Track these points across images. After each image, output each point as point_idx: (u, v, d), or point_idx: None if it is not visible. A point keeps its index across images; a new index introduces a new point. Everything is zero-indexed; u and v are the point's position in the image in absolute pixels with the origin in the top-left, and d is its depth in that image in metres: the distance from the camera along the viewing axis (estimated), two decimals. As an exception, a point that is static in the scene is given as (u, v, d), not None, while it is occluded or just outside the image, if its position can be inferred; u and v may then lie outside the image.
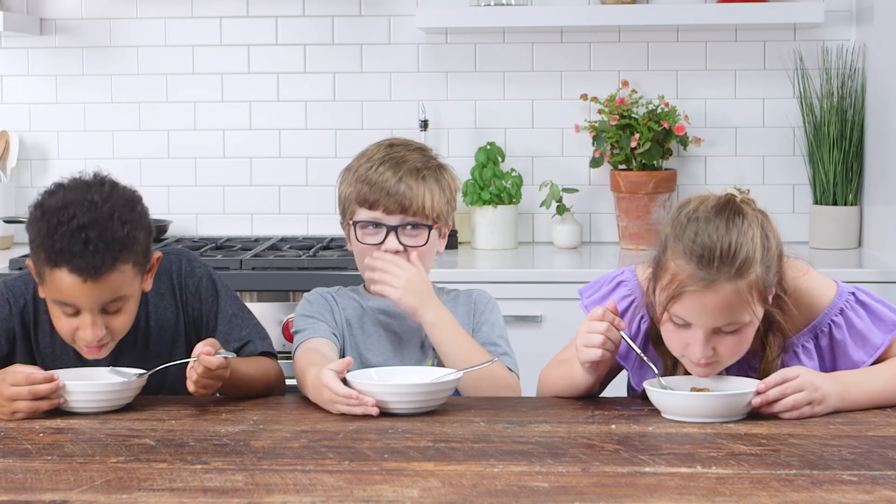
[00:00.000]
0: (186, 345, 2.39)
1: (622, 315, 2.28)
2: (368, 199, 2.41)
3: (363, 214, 2.42)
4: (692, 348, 2.13)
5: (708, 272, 2.08)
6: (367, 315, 2.47)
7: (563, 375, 2.31)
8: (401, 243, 2.41)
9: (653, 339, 2.27)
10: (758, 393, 2.11)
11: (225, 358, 2.17)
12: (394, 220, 2.41)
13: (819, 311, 2.26)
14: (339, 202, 2.50)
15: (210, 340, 2.22)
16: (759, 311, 2.14)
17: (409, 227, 2.42)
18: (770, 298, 2.16)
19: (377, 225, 2.42)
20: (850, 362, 2.26)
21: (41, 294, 2.24)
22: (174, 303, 2.40)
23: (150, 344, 2.37)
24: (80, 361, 2.33)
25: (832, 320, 2.26)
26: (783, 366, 2.22)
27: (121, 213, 2.18)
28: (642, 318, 2.29)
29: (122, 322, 2.22)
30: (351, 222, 2.44)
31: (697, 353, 2.13)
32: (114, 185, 2.23)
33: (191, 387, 2.18)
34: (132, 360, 2.34)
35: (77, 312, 2.19)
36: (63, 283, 2.15)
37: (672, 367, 2.26)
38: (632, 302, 2.30)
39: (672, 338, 2.17)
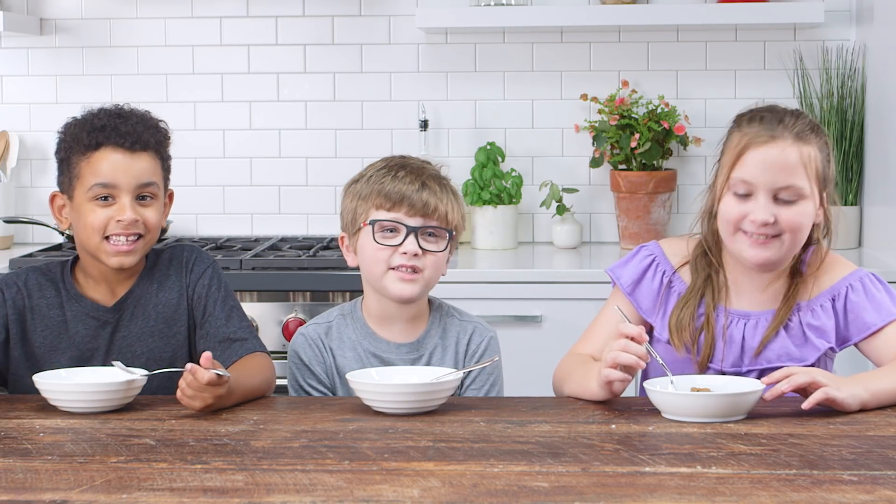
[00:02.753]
0: (187, 325, 2.43)
1: (644, 271, 2.42)
2: (390, 199, 2.36)
3: (382, 215, 2.38)
4: (754, 213, 2.24)
5: (771, 128, 2.25)
6: (364, 361, 2.43)
7: (579, 381, 2.29)
8: (420, 247, 2.38)
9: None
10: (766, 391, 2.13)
11: (219, 376, 2.13)
12: (414, 222, 2.37)
13: (838, 277, 2.37)
14: (346, 214, 2.45)
15: (210, 356, 2.16)
16: (816, 197, 2.28)
17: (428, 231, 2.39)
18: (825, 199, 2.31)
19: (392, 230, 2.37)
20: (862, 324, 2.34)
21: (74, 201, 2.36)
22: (179, 283, 2.44)
23: (155, 317, 2.42)
24: (76, 346, 2.38)
25: (850, 284, 2.36)
26: (802, 329, 2.33)
27: (138, 113, 2.41)
28: (664, 273, 2.41)
29: (153, 215, 2.36)
30: (366, 223, 2.38)
31: (760, 214, 2.24)
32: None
33: (178, 393, 2.15)
34: (137, 326, 2.40)
35: (112, 201, 2.33)
36: (103, 163, 2.33)
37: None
38: (654, 260, 2.43)
39: (731, 210, 2.28)
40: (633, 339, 2.15)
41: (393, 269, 2.37)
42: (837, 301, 2.36)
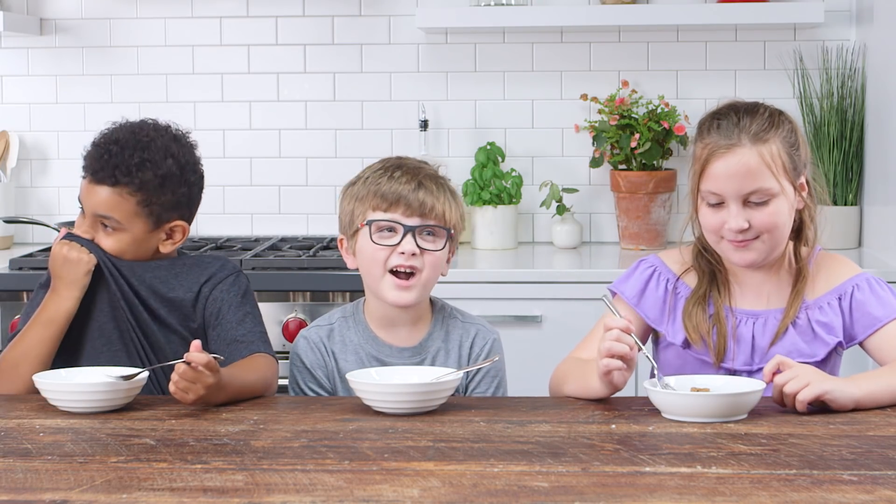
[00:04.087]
0: (190, 321, 2.45)
1: (647, 282, 2.42)
2: (387, 199, 2.36)
3: (379, 215, 2.37)
4: (728, 223, 2.27)
5: (729, 135, 2.28)
6: (366, 365, 2.42)
7: (579, 381, 2.29)
8: (418, 246, 2.37)
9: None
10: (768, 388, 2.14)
11: (214, 358, 2.14)
12: (412, 221, 2.37)
13: (845, 278, 2.39)
14: (343, 216, 2.44)
15: (199, 343, 2.17)
16: (790, 189, 2.30)
17: (426, 230, 2.38)
18: (800, 185, 2.33)
19: (390, 230, 2.37)
20: (869, 319, 2.35)
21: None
22: (195, 281, 2.47)
23: (159, 301, 2.45)
24: (104, 324, 2.44)
25: (856, 284, 2.38)
26: (811, 326, 2.34)
27: (148, 147, 2.46)
28: (668, 280, 2.42)
29: (109, 245, 2.44)
30: (364, 224, 2.38)
31: (733, 223, 2.27)
32: (167, 128, 2.57)
33: (171, 386, 2.16)
34: (142, 313, 2.44)
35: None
36: (81, 187, 2.46)
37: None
38: (654, 270, 2.44)
39: (708, 220, 2.31)
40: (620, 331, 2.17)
41: (391, 272, 2.37)
42: (844, 300, 2.37)
